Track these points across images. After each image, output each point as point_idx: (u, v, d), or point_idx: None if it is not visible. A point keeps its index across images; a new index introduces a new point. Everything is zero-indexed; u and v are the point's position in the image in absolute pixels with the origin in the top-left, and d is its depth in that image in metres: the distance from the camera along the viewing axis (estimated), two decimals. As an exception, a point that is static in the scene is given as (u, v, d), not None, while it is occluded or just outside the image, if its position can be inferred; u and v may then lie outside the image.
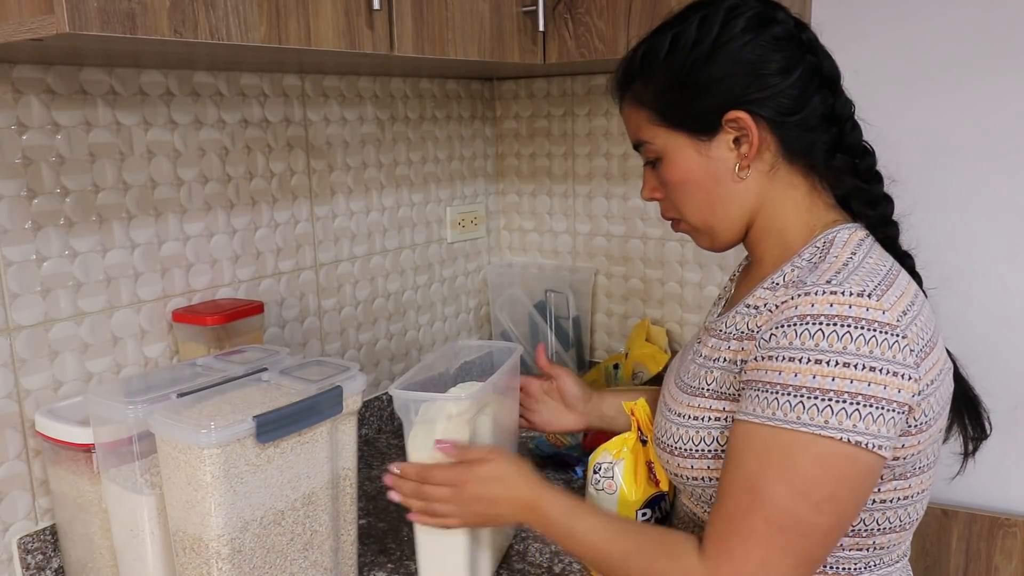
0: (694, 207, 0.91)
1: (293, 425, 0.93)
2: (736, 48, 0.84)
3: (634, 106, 0.92)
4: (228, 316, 1.21)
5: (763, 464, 0.77)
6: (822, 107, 0.86)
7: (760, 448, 0.77)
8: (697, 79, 0.85)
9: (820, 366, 0.74)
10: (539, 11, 1.33)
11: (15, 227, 1.07)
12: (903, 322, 0.76)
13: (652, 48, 0.89)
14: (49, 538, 1.12)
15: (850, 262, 0.81)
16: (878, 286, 0.78)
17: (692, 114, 0.87)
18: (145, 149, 1.21)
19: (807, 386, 0.75)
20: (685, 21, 0.88)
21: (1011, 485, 1.46)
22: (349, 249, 1.56)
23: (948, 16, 1.38)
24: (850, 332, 0.74)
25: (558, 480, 1.40)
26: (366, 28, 1.06)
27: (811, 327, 0.76)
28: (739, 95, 0.84)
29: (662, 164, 0.90)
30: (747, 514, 0.77)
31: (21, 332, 1.09)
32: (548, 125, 1.85)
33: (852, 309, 0.75)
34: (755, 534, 0.76)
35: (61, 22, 0.75)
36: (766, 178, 0.87)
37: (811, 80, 0.85)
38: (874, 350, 0.74)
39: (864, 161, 0.90)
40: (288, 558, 0.96)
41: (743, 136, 0.85)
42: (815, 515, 0.75)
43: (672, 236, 1.72)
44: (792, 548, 0.76)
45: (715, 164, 0.87)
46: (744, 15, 0.85)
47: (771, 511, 0.75)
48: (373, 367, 1.65)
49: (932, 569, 1.51)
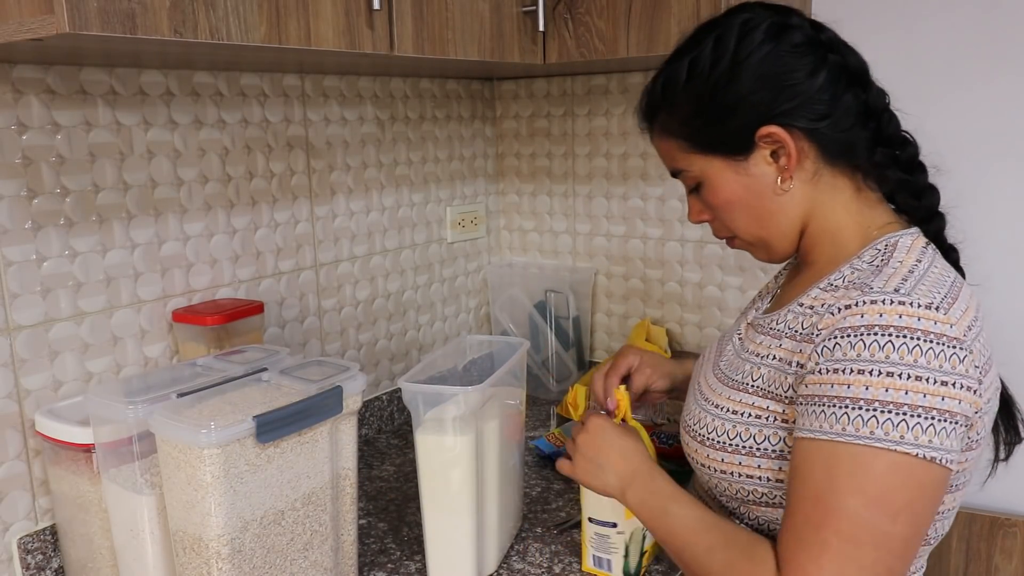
0: (744, 225, 0.90)
1: (293, 425, 0.93)
2: (757, 62, 0.83)
3: (663, 137, 0.91)
4: (228, 316, 1.21)
5: (832, 476, 0.74)
6: (855, 104, 0.85)
7: (829, 461, 0.74)
8: (722, 101, 0.84)
9: (892, 379, 0.72)
10: (539, 11, 1.33)
11: (15, 227, 1.07)
12: (969, 337, 0.76)
13: (670, 77, 0.88)
14: (49, 538, 1.12)
15: (915, 269, 0.79)
16: (944, 299, 0.76)
17: (723, 136, 0.85)
18: (145, 149, 1.21)
19: (880, 399, 0.73)
20: (699, 44, 0.86)
21: (1011, 485, 1.46)
22: (349, 249, 1.56)
23: (949, 15, 1.38)
24: (920, 345, 0.73)
25: (559, 480, 1.40)
26: (366, 28, 1.06)
27: (880, 339, 0.74)
28: (768, 109, 0.83)
29: (704, 188, 0.90)
30: (818, 529, 0.74)
31: (21, 332, 1.09)
32: (548, 125, 1.85)
33: (921, 322, 0.74)
34: (828, 549, 0.73)
35: (61, 22, 0.75)
36: (810, 185, 0.86)
37: (839, 79, 0.84)
38: (943, 364, 0.73)
39: (906, 151, 0.88)
40: (288, 558, 0.96)
41: (780, 149, 0.84)
42: (891, 525, 0.73)
43: (672, 236, 1.72)
44: (867, 562, 0.73)
45: (756, 181, 0.86)
46: (759, 27, 0.83)
47: (843, 523, 0.73)
48: (373, 367, 1.65)
49: (932, 569, 1.51)
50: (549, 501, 1.33)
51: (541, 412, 1.71)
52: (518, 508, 1.23)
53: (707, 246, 1.68)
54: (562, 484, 1.39)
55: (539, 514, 1.29)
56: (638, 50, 1.32)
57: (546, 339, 1.79)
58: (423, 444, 1.06)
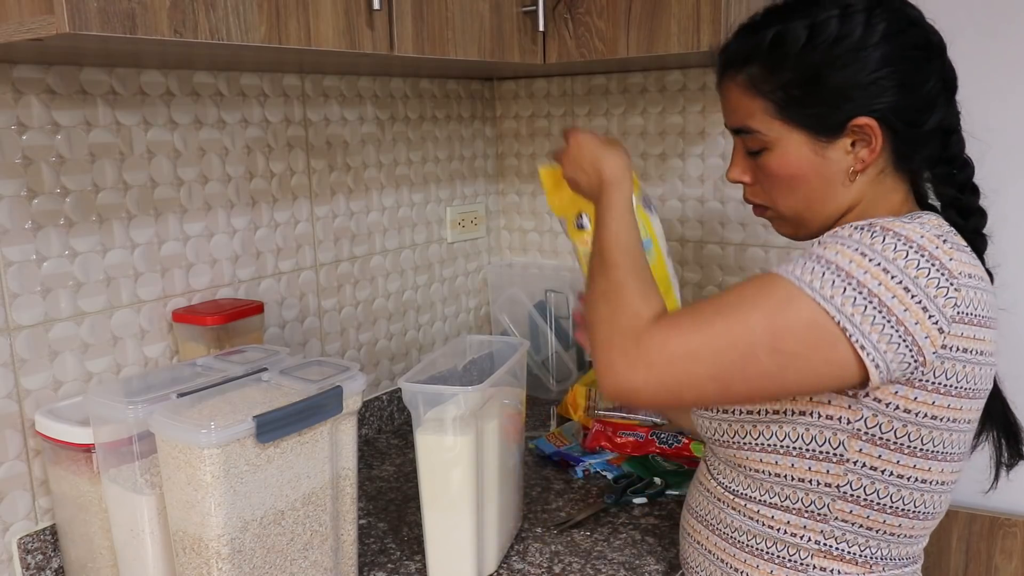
0: (793, 202, 0.89)
1: (293, 425, 0.93)
2: (875, 53, 0.81)
3: (747, 92, 0.87)
4: (228, 316, 1.21)
5: (760, 295, 0.78)
6: (942, 119, 0.85)
7: (766, 284, 0.79)
8: (832, 80, 0.82)
9: (861, 258, 0.75)
10: (539, 11, 1.33)
11: (15, 227, 1.07)
12: (962, 279, 0.76)
13: (785, 35, 0.83)
14: (49, 538, 1.12)
15: (937, 228, 0.80)
16: (956, 245, 0.78)
17: (819, 114, 0.83)
18: (145, 149, 1.21)
19: (837, 264, 0.75)
20: (823, 10, 0.82)
21: (1011, 485, 1.46)
22: (349, 249, 1.56)
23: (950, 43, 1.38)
24: (908, 251, 0.75)
25: (559, 480, 1.40)
26: (366, 28, 1.06)
27: (876, 231, 0.77)
28: (871, 102, 0.82)
29: (769, 154, 0.87)
30: (716, 314, 0.78)
31: (21, 332, 1.09)
32: (548, 125, 1.84)
33: (923, 239, 0.76)
34: (708, 328, 0.77)
35: (61, 22, 0.75)
36: (872, 183, 0.86)
37: (940, 91, 0.84)
38: (920, 278, 0.74)
39: (963, 172, 0.89)
40: (288, 558, 0.96)
41: (862, 140, 0.83)
42: (765, 355, 0.76)
43: (672, 236, 1.72)
44: (723, 361, 0.77)
45: (829, 165, 0.85)
46: (885, 17, 0.82)
47: (738, 326, 0.77)
48: (373, 367, 1.65)
49: (932, 569, 1.51)
50: (549, 501, 1.33)
51: (541, 412, 1.71)
52: (518, 508, 1.23)
53: (707, 246, 1.68)
54: (562, 484, 1.39)
55: (539, 514, 1.29)
56: (638, 50, 1.32)
57: (546, 339, 1.79)
58: (423, 444, 1.06)
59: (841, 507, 0.82)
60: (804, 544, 0.84)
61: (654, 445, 1.44)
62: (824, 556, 0.84)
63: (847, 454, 0.80)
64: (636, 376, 0.79)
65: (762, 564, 0.86)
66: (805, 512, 0.83)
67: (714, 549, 0.91)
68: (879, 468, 0.81)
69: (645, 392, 0.79)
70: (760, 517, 0.86)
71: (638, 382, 0.79)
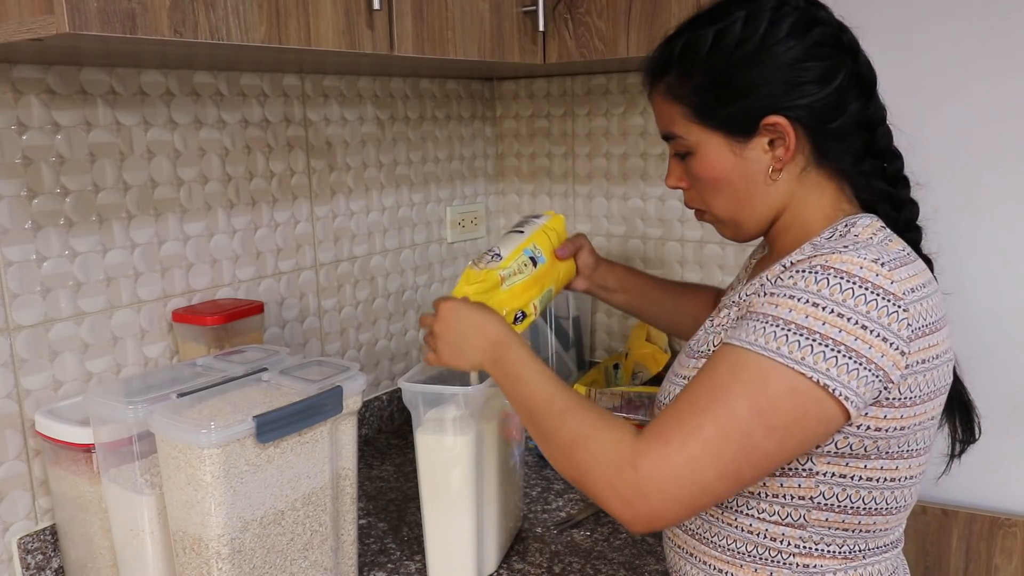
0: (722, 203, 0.91)
1: (293, 425, 0.93)
2: (780, 52, 0.83)
3: (668, 99, 0.90)
4: (228, 316, 1.21)
5: (734, 379, 0.78)
6: (858, 113, 0.86)
7: (735, 365, 0.78)
8: (739, 81, 0.84)
9: (815, 309, 0.76)
10: (539, 11, 1.33)
11: (15, 227, 1.07)
12: (909, 297, 0.77)
13: (693, 42, 0.87)
14: (49, 538, 1.12)
15: (871, 240, 0.82)
16: (893, 260, 0.79)
17: (730, 115, 0.86)
18: (145, 149, 1.21)
19: (796, 323, 0.76)
20: (729, 16, 0.85)
21: (1011, 485, 1.46)
22: (349, 249, 1.56)
23: (951, 22, 1.38)
24: (853, 288, 0.76)
25: (559, 480, 1.40)
26: (366, 28, 1.06)
27: (819, 275, 0.77)
28: (780, 100, 0.84)
29: (693, 159, 0.90)
30: (700, 414, 0.77)
31: (21, 332, 1.09)
32: (548, 125, 1.85)
33: (863, 271, 0.76)
34: (699, 432, 0.77)
35: (61, 22, 0.75)
36: (796, 181, 0.88)
37: (851, 87, 0.85)
38: (871, 312, 0.75)
39: (892, 165, 0.90)
40: (288, 558, 0.96)
41: (778, 139, 0.85)
42: (762, 437, 0.76)
43: (672, 236, 1.72)
44: (726, 458, 0.76)
45: (749, 165, 0.87)
46: (789, 17, 0.84)
47: (725, 418, 0.76)
48: (373, 367, 1.65)
49: (932, 569, 1.50)
50: (549, 501, 1.33)
51: (541, 412, 1.71)
52: (518, 508, 1.23)
53: (707, 246, 1.68)
54: (562, 484, 1.39)
55: (539, 514, 1.29)
56: (638, 50, 1.32)
57: (546, 339, 1.79)
58: (423, 444, 1.06)
59: (817, 516, 0.83)
60: (784, 547, 0.85)
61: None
62: (805, 555, 0.85)
63: (816, 467, 0.82)
64: (651, 505, 0.78)
65: (745, 564, 0.87)
66: (782, 523, 0.84)
67: (696, 552, 0.91)
68: (848, 475, 0.82)
69: (667, 515, 0.79)
70: (739, 525, 0.87)
71: (656, 510, 0.78)
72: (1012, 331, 1.43)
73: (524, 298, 1.07)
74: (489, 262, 1.05)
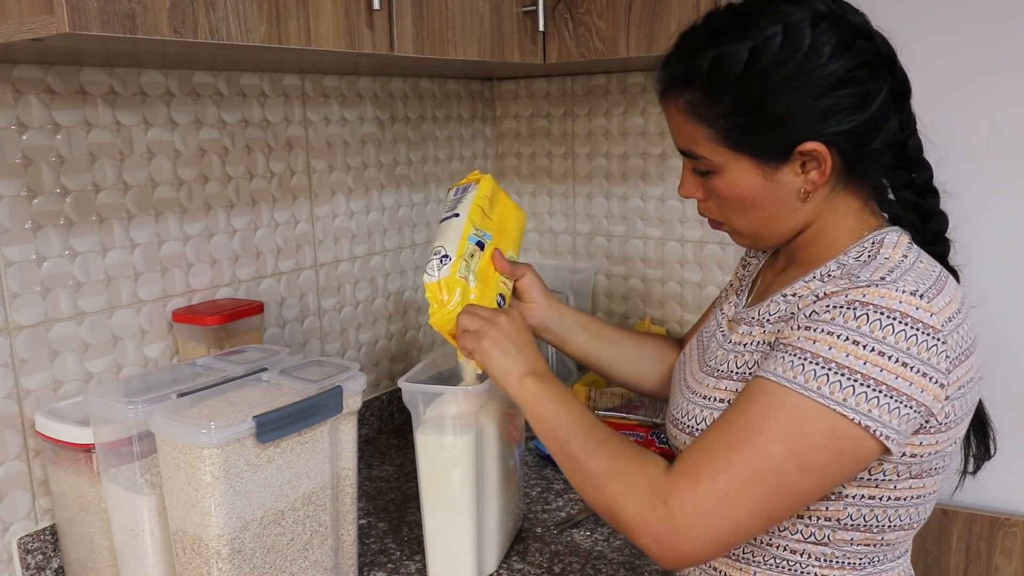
0: (747, 221, 0.87)
1: (293, 425, 0.93)
2: (820, 77, 0.77)
3: (689, 117, 0.83)
4: (228, 316, 1.21)
5: (768, 417, 0.76)
6: (896, 130, 0.83)
7: (770, 404, 0.76)
8: (776, 109, 0.78)
9: (856, 347, 0.74)
10: (539, 11, 1.33)
11: (15, 227, 1.07)
12: (947, 328, 0.76)
13: (724, 61, 0.79)
14: (49, 538, 1.12)
15: (903, 263, 0.80)
16: (930, 288, 0.77)
17: (764, 143, 0.81)
18: (145, 149, 1.21)
19: (837, 361, 0.74)
20: (762, 31, 0.78)
21: (1011, 485, 1.46)
22: (349, 249, 1.56)
23: (956, 26, 1.38)
24: (893, 325, 0.74)
25: (559, 480, 1.40)
26: (366, 28, 1.06)
27: (857, 311, 0.75)
28: (821, 127, 0.79)
29: (716, 177, 0.84)
30: (731, 452, 0.76)
31: (21, 332, 1.09)
32: (548, 125, 1.85)
33: (902, 304, 0.75)
34: (730, 470, 0.75)
35: (61, 22, 0.75)
36: (826, 200, 0.85)
37: (891, 104, 0.82)
38: (911, 348, 0.74)
39: (921, 175, 0.87)
40: (288, 558, 0.96)
41: (811, 162, 0.81)
42: (797, 477, 0.75)
43: (672, 236, 1.72)
44: (758, 498, 0.75)
45: (779, 188, 0.83)
46: (829, 36, 0.78)
47: (758, 459, 0.75)
48: (373, 367, 1.65)
49: (932, 569, 1.51)
50: (549, 501, 1.33)
51: (541, 412, 1.71)
52: (518, 508, 1.23)
53: (707, 246, 1.68)
54: (562, 484, 1.39)
55: (539, 514, 1.29)
56: (638, 50, 1.32)
57: (546, 339, 1.79)
58: (423, 444, 1.06)
59: (842, 536, 0.82)
60: (804, 560, 0.84)
61: (654, 445, 1.44)
62: (825, 568, 0.84)
63: (845, 490, 0.81)
64: (681, 541, 0.77)
65: (760, 572, 0.86)
66: (805, 540, 0.83)
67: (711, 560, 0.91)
68: (878, 496, 0.81)
69: (696, 552, 0.78)
70: (758, 539, 0.86)
71: (685, 547, 0.77)
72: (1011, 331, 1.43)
73: (493, 280, 1.04)
74: (441, 267, 1.00)
